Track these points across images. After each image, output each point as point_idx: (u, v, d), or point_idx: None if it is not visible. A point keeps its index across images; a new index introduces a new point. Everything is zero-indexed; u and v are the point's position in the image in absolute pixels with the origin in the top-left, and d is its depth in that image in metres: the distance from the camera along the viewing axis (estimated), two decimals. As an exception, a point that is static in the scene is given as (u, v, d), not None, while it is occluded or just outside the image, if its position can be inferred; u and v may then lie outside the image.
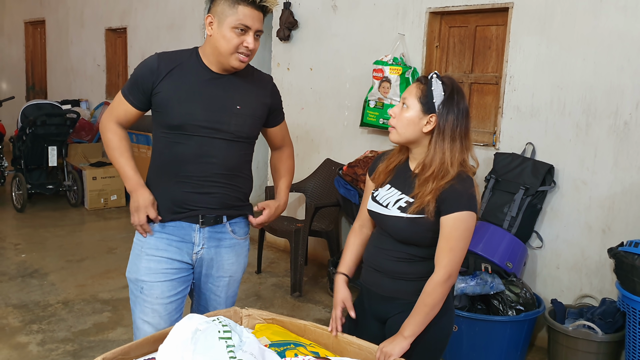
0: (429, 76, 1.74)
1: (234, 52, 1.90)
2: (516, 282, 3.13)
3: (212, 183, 1.98)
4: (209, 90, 1.95)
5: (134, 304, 2.04)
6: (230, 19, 1.86)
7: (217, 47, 1.91)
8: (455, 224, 1.67)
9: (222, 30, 1.88)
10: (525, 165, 3.35)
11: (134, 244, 2.07)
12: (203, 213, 2.00)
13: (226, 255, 2.10)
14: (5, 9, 9.59)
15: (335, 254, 4.25)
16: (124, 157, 2.02)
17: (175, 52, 2.01)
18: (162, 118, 1.96)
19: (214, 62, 1.95)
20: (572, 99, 3.25)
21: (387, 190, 1.83)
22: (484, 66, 3.78)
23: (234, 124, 1.97)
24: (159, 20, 6.22)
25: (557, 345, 3.00)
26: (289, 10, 4.74)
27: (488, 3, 3.57)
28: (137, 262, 2.02)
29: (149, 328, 2.00)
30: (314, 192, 4.56)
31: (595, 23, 3.14)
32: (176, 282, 2.02)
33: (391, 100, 3.93)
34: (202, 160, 1.95)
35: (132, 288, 2.05)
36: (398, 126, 1.75)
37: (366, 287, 1.90)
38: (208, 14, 1.93)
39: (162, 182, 2.01)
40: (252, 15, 1.87)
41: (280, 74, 4.98)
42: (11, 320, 3.46)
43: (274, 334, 1.73)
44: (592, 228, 3.23)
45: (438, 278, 1.69)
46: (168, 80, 1.93)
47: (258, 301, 3.96)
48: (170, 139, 1.96)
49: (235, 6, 1.86)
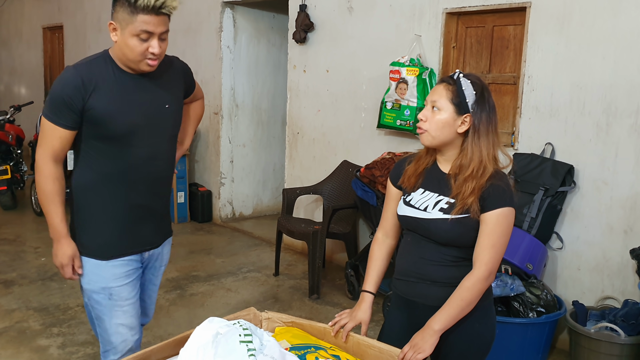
0: (455, 76, 1.72)
1: (141, 59, 1.88)
2: (537, 283, 3.10)
3: (159, 186, 2.09)
4: (139, 96, 1.96)
5: (103, 313, 2.07)
6: (131, 27, 1.83)
7: (124, 53, 1.89)
8: (499, 219, 1.67)
9: (124, 37, 1.85)
10: (544, 165, 3.32)
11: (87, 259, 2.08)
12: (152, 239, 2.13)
13: (166, 245, 2.25)
14: (24, 15, 9.72)
15: (353, 256, 4.24)
16: (53, 204, 1.98)
17: (90, 62, 1.96)
18: (102, 132, 1.94)
19: (127, 66, 1.94)
20: (592, 98, 3.21)
21: (421, 193, 1.79)
22: (501, 66, 3.74)
23: (171, 124, 2.06)
24: (175, 25, 6.21)
25: (579, 347, 2.96)
26: (304, 12, 4.75)
27: (505, 3, 3.54)
28: (98, 271, 2.04)
29: (125, 329, 2.08)
30: (332, 194, 4.56)
31: (614, 21, 3.10)
32: (137, 280, 2.13)
33: (408, 102, 3.91)
34: (150, 164, 2.02)
35: (97, 297, 2.06)
36: (431, 129, 1.72)
37: (407, 299, 1.84)
38: (110, 21, 1.90)
39: (110, 196, 2.02)
40: (153, 21, 1.84)
41: (296, 76, 4.99)
42: (32, 323, 3.50)
43: (294, 337, 1.73)
44: (613, 229, 3.18)
45: (479, 274, 1.67)
46: (97, 94, 1.89)
47: (276, 304, 3.96)
48: (111, 150, 1.97)
49: (134, 14, 1.82)
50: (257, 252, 5.12)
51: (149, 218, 2.11)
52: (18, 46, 10.04)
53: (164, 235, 2.23)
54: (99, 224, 2.04)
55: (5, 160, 6.14)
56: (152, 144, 2.01)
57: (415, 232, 1.81)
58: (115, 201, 2.02)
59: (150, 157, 2.02)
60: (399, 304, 1.88)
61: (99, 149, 1.98)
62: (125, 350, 2.08)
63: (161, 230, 2.19)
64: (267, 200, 6.43)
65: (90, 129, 1.94)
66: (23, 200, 6.57)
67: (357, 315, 1.86)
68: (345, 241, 4.37)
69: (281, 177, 5.95)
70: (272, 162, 6.38)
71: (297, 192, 4.64)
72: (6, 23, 10.30)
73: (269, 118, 6.27)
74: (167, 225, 2.25)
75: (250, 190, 6.26)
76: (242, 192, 6.19)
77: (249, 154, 6.16)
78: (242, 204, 6.22)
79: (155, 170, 2.05)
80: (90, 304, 2.09)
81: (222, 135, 5.91)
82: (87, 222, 2.05)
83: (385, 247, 1.95)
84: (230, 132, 5.96)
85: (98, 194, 2.02)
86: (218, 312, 3.67)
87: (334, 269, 4.67)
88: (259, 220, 6.17)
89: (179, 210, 5.96)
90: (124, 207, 2.03)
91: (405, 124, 3.94)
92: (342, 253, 4.67)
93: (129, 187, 2.01)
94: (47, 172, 1.96)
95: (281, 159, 6.08)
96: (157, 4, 1.81)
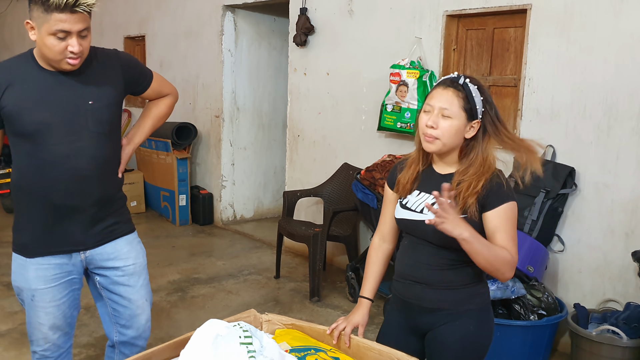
0: (460, 81, 1.71)
1: (60, 58, 1.83)
2: (538, 286, 3.09)
3: (85, 185, 1.99)
4: (56, 93, 1.91)
5: (27, 310, 2.09)
6: (46, 25, 1.77)
7: (43, 53, 1.85)
8: (507, 214, 1.68)
9: (42, 36, 1.80)
10: (545, 168, 3.29)
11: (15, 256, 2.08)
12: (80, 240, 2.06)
13: (120, 243, 2.17)
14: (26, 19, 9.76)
15: (353, 259, 4.24)
16: None
17: (9, 61, 1.95)
18: (15, 129, 1.92)
19: (50, 65, 1.90)
20: (593, 101, 3.21)
21: (417, 195, 1.79)
22: (502, 69, 3.75)
23: (92, 121, 1.96)
24: (177, 28, 6.27)
25: (580, 350, 2.95)
26: (305, 15, 4.76)
27: (506, 5, 3.54)
28: (23, 271, 2.04)
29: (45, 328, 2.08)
30: (332, 197, 4.56)
31: (615, 23, 3.10)
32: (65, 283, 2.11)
33: (408, 104, 3.91)
34: (68, 162, 1.94)
35: (21, 295, 2.09)
36: (444, 137, 1.69)
37: (404, 300, 1.84)
38: (27, 20, 1.83)
39: (32, 194, 1.99)
40: (68, 19, 1.77)
41: (297, 79, 4.99)
42: (34, 325, 3.50)
43: (294, 339, 1.73)
44: (614, 232, 3.18)
45: (514, 259, 1.65)
46: (10, 92, 1.87)
47: (277, 306, 3.96)
48: (29, 147, 1.93)
49: (48, 13, 1.75)
50: (258, 255, 5.12)
51: (76, 218, 2.02)
52: (21, 50, 9.89)
53: (103, 237, 2.11)
54: (24, 221, 2.03)
55: (8, 164, 6.15)
56: (70, 142, 1.93)
57: (413, 235, 1.81)
58: (37, 199, 1.99)
59: (69, 154, 1.94)
60: (397, 304, 1.88)
61: (19, 147, 1.96)
62: (47, 346, 2.09)
63: (95, 232, 2.08)
64: (268, 203, 6.44)
65: (7, 126, 1.94)
66: None
67: (353, 319, 1.85)
68: (346, 244, 4.36)
69: (282, 179, 5.95)
70: (273, 164, 6.39)
71: (298, 195, 4.65)
72: (9, 27, 10.33)
73: (270, 121, 6.28)
74: (110, 227, 2.12)
75: (251, 193, 6.27)
76: (243, 195, 6.20)
77: (250, 156, 6.17)
78: (243, 207, 6.22)
79: (76, 168, 1.96)
80: (20, 297, 2.12)
81: (223, 138, 5.92)
82: (17, 219, 2.06)
83: (382, 252, 1.94)
84: (232, 135, 5.97)
85: (22, 192, 2.01)
86: (219, 314, 3.67)
87: (334, 272, 4.67)
88: (259, 223, 6.17)
89: (181, 213, 5.97)
90: (45, 206, 1.99)
91: (405, 126, 3.95)
92: (342, 256, 4.67)
93: (48, 186, 1.96)
94: None
95: (282, 162, 6.08)
96: (70, 2, 1.75)
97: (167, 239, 5.44)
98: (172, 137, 5.72)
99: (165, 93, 2.27)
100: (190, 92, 6.16)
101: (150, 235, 5.53)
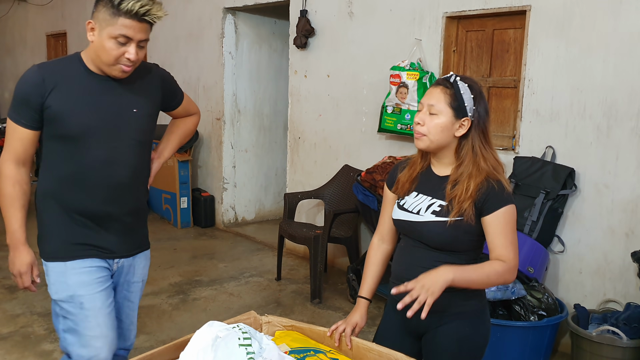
0: (450, 79, 1.71)
1: (115, 64, 1.83)
2: (538, 287, 3.10)
3: (120, 193, 1.97)
4: (103, 97, 1.90)
5: (75, 324, 1.95)
6: (110, 28, 1.77)
7: (98, 55, 1.83)
8: (506, 218, 1.67)
9: (102, 38, 1.80)
10: (545, 169, 3.32)
11: (51, 266, 1.98)
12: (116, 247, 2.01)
13: (139, 259, 2.14)
14: (28, 23, 9.78)
15: (354, 261, 4.25)
16: (12, 208, 1.90)
17: (56, 62, 1.93)
18: (57, 131, 1.88)
19: (99, 69, 1.89)
20: (593, 101, 3.21)
21: (414, 197, 1.79)
22: (502, 70, 3.75)
23: (134, 128, 1.96)
24: (178, 31, 6.29)
25: (580, 351, 2.95)
26: (305, 17, 4.77)
27: (505, 6, 3.55)
28: (64, 278, 1.95)
29: (98, 341, 1.96)
30: (333, 199, 4.57)
31: (615, 24, 3.11)
32: (109, 289, 2.03)
33: (409, 106, 3.92)
34: (108, 168, 1.93)
35: (68, 307, 1.95)
36: (430, 134, 1.71)
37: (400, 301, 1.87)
38: (90, 20, 1.83)
39: (68, 200, 1.94)
40: (134, 26, 1.78)
41: (297, 82, 5.01)
42: (36, 328, 3.52)
43: (294, 341, 1.73)
44: (615, 232, 3.18)
45: (511, 265, 1.65)
46: (57, 92, 1.84)
47: (278, 308, 3.97)
48: (69, 151, 1.90)
49: (115, 17, 1.76)
50: (259, 257, 5.13)
51: (112, 226, 2.00)
52: (22, 53, 10.09)
53: (134, 247, 2.11)
54: (56, 227, 1.96)
55: None
56: (111, 147, 1.92)
57: (409, 237, 1.81)
58: (73, 205, 1.94)
59: (109, 161, 1.93)
60: (393, 305, 1.88)
61: (56, 151, 1.92)
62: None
63: (129, 241, 2.08)
64: (269, 205, 6.45)
65: (48, 128, 1.89)
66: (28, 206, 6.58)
67: (352, 319, 1.85)
68: (347, 245, 4.37)
69: (283, 181, 5.96)
70: (274, 167, 6.40)
71: (299, 197, 4.66)
72: (11, 30, 10.36)
73: (271, 123, 6.30)
74: (140, 238, 2.14)
75: (253, 195, 6.28)
76: (245, 197, 6.21)
77: (251, 159, 6.18)
78: (244, 209, 6.23)
79: (115, 175, 1.95)
80: (62, 314, 1.98)
81: (225, 141, 5.93)
82: (46, 227, 1.98)
83: (380, 253, 1.94)
84: (233, 138, 5.98)
85: (57, 198, 1.96)
86: (220, 316, 3.68)
87: (335, 274, 4.67)
88: (261, 225, 6.18)
89: (182, 216, 5.98)
90: (82, 211, 1.95)
91: (406, 128, 3.96)
92: (343, 257, 4.67)
93: (86, 192, 1.93)
94: (7, 174, 1.88)
95: (283, 164, 6.09)
96: (142, 10, 1.77)
97: (168, 242, 5.45)
98: (174, 140, 5.72)
99: (192, 112, 2.34)
100: (191, 94, 6.16)
101: (151, 237, 5.45)
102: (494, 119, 3.78)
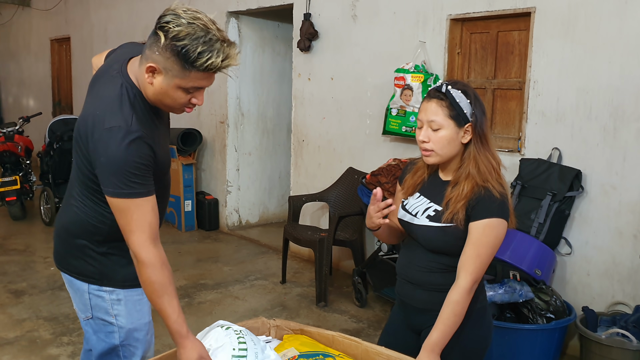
0: (442, 89, 1.70)
1: (179, 108, 1.69)
2: (545, 289, 3.08)
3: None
4: (160, 127, 1.81)
5: (143, 351, 1.88)
6: (181, 80, 1.59)
7: (160, 100, 1.67)
8: (485, 230, 1.65)
9: (168, 87, 1.62)
10: (551, 170, 3.31)
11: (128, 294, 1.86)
12: None
13: None
14: (32, 28, 9.82)
15: (359, 263, 4.23)
16: (167, 295, 1.64)
17: (134, 114, 1.66)
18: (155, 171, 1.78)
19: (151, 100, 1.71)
20: (599, 102, 3.20)
21: (416, 198, 1.82)
22: (506, 72, 3.74)
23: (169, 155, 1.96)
24: (181, 35, 6.30)
25: (590, 354, 2.93)
26: (309, 21, 4.77)
27: (510, 8, 3.54)
28: (140, 306, 1.86)
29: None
30: (337, 202, 4.56)
31: (620, 25, 3.09)
32: None
33: (413, 108, 3.91)
34: (167, 194, 1.95)
35: (138, 336, 1.86)
36: (437, 149, 1.71)
37: (401, 298, 1.89)
38: (150, 63, 1.59)
39: None
40: (208, 77, 1.62)
41: (301, 85, 5.00)
42: (42, 332, 3.51)
43: (303, 345, 1.73)
44: (622, 234, 3.16)
45: (465, 284, 1.65)
46: (151, 141, 1.70)
47: (283, 311, 3.96)
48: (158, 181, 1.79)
49: (188, 70, 1.57)
50: (264, 260, 5.12)
51: None
52: (26, 58, 10.13)
53: None
54: (124, 253, 1.78)
55: (14, 171, 6.18)
56: (169, 178, 1.95)
57: (409, 236, 1.85)
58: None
59: (168, 186, 1.94)
60: (397, 302, 1.94)
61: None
62: None
63: None
64: (274, 208, 6.44)
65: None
66: (32, 210, 6.60)
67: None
68: (352, 248, 4.36)
69: (287, 184, 5.95)
70: (277, 169, 6.39)
71: (303, 200, 4.65)
72: (15, 36, 10.40)
73: (275, 126, 6.30)
74: None
75: (257, 198, 6.27)
76: (249, 200, 6.21)
77: (255, 162, 6.18)
78: (248, 212, 6.23)
79: (167, 203, 1.98)
80: (127, 342, 1.86)
81: (228, 144, 5.93)
82: (119, 254, 1.82)
83: None
84: (236, 141, 5.98)
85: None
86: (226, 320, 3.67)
87: (341, 277, 4.66)
88: (265, 228, 6.18)
89: (186, 219, 5.98)
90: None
91: (410, 130, 3.95)
92: (349, 260, 4.66)
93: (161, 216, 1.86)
94: (150, 259, 1.62)
95: (287, 167, 6.08)
96: (223, 65, 1.59)
97: (173, 245, 5.45)
98: (178, 144, 5.73)
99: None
100: (195, 98, 6.18)
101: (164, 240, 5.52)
102: (499, 120, 3.77)
